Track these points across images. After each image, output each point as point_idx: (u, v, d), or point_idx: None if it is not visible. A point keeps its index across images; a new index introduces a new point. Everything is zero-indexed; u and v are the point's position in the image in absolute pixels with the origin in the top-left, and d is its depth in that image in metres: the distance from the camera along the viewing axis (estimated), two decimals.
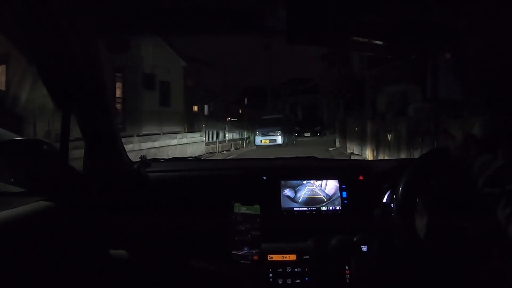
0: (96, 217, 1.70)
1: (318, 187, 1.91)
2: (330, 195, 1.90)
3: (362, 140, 12.03)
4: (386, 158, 9.01)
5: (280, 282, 1.69)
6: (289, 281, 1.69)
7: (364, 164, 2.43)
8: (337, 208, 1.88)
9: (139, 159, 1.99)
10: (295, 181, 1.91)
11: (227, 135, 21.26)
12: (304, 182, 1.92)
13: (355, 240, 1.76)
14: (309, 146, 20.10)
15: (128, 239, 1.75)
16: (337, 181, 1.92)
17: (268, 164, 2.25)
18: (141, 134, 14.12)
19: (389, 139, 8.45)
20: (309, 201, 1.88)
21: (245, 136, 23.40)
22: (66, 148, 1.58)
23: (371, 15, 1.35)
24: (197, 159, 2.32)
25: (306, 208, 1.87)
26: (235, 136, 22.33)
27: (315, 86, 33.78)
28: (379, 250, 1.75)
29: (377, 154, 9.35)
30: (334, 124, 21.73)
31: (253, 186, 1.88)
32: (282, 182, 1.91)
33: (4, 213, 1.35)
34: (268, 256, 1.72)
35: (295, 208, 1.87)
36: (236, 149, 20.59)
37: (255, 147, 20.82)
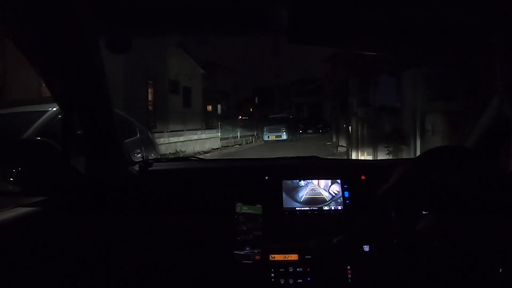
0: (97, 216, 1.65)
1: (320, 187, 1.87)
2: (332, 195, 1.85)
3: (346, 135, 14.76)
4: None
5: (282, 282, 1.65)
6: (291, 281, 1.65)
7: (366, 164, 2.39)
8: (339, 208, 1.83)
9: (141, 159, 1.97)
10: (297, 181, 1.87)
11: (239, 132, 23.78)
12: (306, 182, 1.87)
13: (357, 240, 1.72)
14: (310, 141, 22.61)
15: (129, 238, 1.69)
16: (339, 181, 1.88)
17: (270, 164, 2.19)
18: (169, 131, 16.38)
19: (350, 131, 11.43)
20: (311, 201, 1.84)
21: (255, 133, 25.69)
22: (68, 148, 1.53)
23: (375, 15, 1.29)
24: (199, 159, 2.28)
25: (308, 208, 1.82)
26: (246, 132, 24.80)
27: (320, 87, 35.62)
28: (381, 250, 1.70)
29: (349, 144, 12.25)
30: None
31: (255, 186, 1.85)
32: (284, 182, 1.87)
33: (6, 212, 1.35)
34: (270, 256, 1.69)
35: (297, 208, 1.83)
36: (246, 143, 23.04)
37: (263, 142, 23.36)
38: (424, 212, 1.46)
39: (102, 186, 1.73)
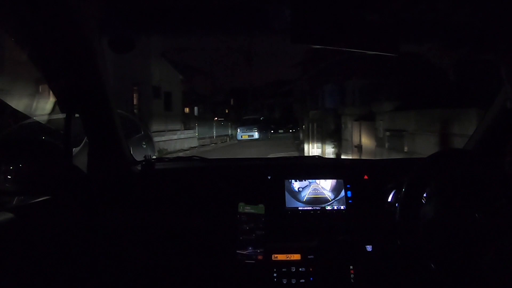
0: (99, 216, 1.66)
1: (323, 187, 1.84)
2: (335, 194, 1.83)
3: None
4: (301, 139, 14.19)
5: (285, 282, 1.64)
6: (293, 281, 1.64)
7: (369, 163, 2.32)
8: (342, 207, 1.81)
9: (144, 159, 1.93)
10: (299, 181, 1.85)
11: (214, 132, 25.33)
12: (309, 181, 1.85)
13: (359, 240, 1.71)
14: (280, 140, 24.00)
15: (132, 238, 1.70)
16: (342, 180, 1.86)
17: (273, 163, 2.18)
18: (152, 131, 16.76)
19: (303, 128, 13.83)
20: (314, 201, 1.82)
21: (229, 133, 27.44)
22: (70, 147, 1.53)
23: (377, 15, 1.30)
24: (201, 158, 2.15)
25: (310, 208, 1.80)
26: (221, 132, 26.38)
27: (291, 90, 36.87)
28: (384, 250, 1.69)
29: (303, 138, 14.81)
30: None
31: (258, 186, 1.83)
32: (287, 181, 1.85)
33: (6, 212, 1.33)
34: (273, 255, 1.68)
35: (299, 208, 1.80)
36: (222, 142, 24.59)
37: (237, 141, 24.86)
38: (427, 212, 1.44)
39: (104, 185, 1.73)
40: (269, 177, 1.87)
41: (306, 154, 13.26)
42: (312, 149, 12.50)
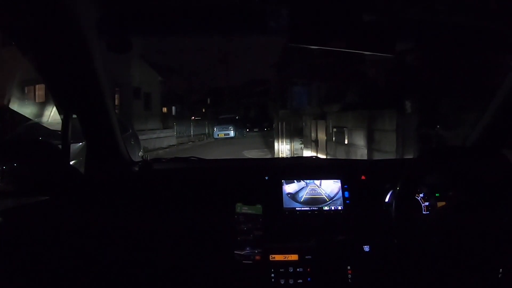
0: (97, 217, 1.65)
1: (320, 187, 1.85)
2: (332, 195, 1.83)
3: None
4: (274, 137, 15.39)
5: (282, 282, 1.64)
6: (291, 281, 1.64)
7: (366, 163, 2.37)
8: (339, 208, 1.82)
9: (141, 159, 1.95)
10: (297, 181, 1.85)
11: (192, 131, 26.00)
12: (306, 182, 1.85)
13: (357, 240, 1.71)
14: (255, 138, 24.53)
15: (129, 238, 1.70)
16: (339, 181, 1.86)
17: (270, 164, 2.20)
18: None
19: (273, 127, 15.21)
20: (311, 201, 1.82)
21: (206, 131, 28.06)
22: (68, 148, 1.53)
23: (375, 16, 1.31)
24: (199, 159, 2.15)
25: (308, 208, 1.81)
26: (198, 131, 27.09)
27: (266, 89, 36.56)
28: (381, 250, 1.69)
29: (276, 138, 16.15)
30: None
31: (255, 186, 1.83)
32: (284, 182, 1.85)
33: (6, 212, 1.35)
34: (270, 256, 1.68)
35: (297, 208, 1.81)
36: (199, 141, 25.12)
37: (214, 139, 25.33)
38: (425, 212, 1.48)
39: (102, 186, 1.74)
40: (266, 178, 1.89)
41: (276, 150, 14.42)
42: (282, 146, 13.74)
